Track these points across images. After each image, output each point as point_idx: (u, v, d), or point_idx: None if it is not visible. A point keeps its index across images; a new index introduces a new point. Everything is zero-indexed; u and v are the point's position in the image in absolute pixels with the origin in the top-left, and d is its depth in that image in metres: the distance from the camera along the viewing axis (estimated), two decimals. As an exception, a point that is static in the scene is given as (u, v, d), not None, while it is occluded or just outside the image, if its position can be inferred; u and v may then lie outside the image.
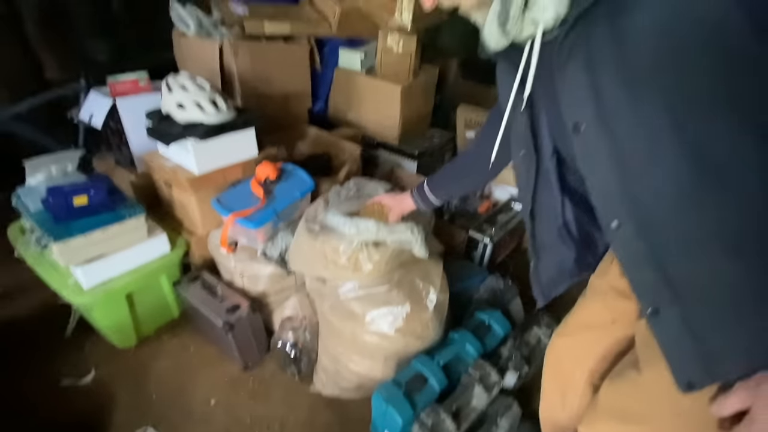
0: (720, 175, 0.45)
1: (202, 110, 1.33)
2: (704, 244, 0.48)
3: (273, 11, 1.89)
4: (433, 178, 1.02)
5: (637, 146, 0.48)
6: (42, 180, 1.28)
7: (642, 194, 0.50)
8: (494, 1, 0.50)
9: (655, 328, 0.56)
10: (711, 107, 0.43)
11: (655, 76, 0.44)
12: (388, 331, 1.13)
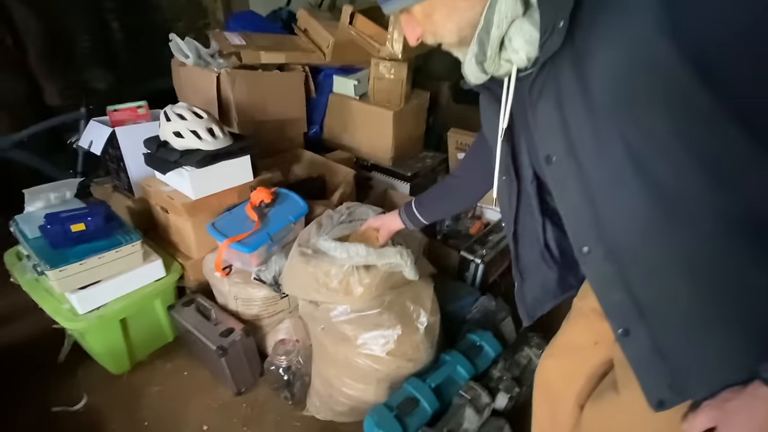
0: (675, 207, 0.48)
1: (199, 138, 1.37)
2: (665, 269, 0.52)
3: (268, 41, 1.97)
4: (420, 199, 1.05)
5: (602, 178, 0.52)
6: (41, 207, 1.31)
7: (608, 222, 0.54)
8: (472, 42, 0.55)
9: (625, 349, 0.59)
10: (665, 146, 0.46)
11: (614, 116, 0.48)
12: (380, 354, 1.14)
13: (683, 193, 0.48)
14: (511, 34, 0.51)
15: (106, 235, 1.28)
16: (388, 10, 0.57)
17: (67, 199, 1.37)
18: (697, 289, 0.51)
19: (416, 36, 0.59)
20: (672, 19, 0.40)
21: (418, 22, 0.56)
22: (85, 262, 1.21)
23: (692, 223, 0.48)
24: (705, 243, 0.48)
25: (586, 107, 0.50)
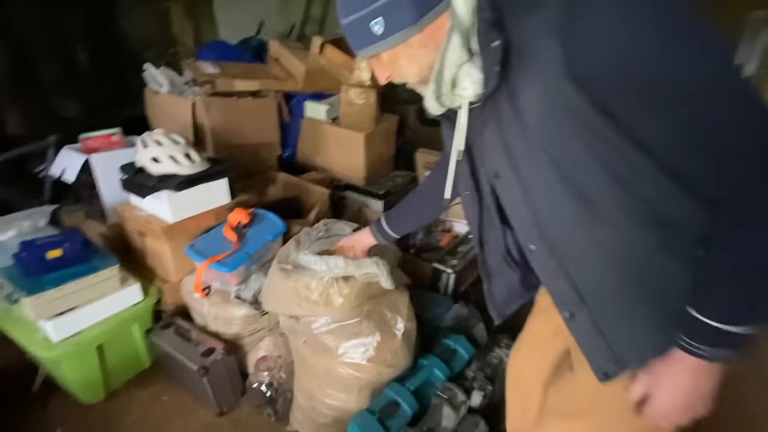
0: (595, 209, 0.59)
1: (176, 163, 1.42)
2: (593, 259, 0.63)
3: (241, 70, 2.05)
4: (389, 214, 1.13)
5: (537, 188, 0.63)
6: (12, 236, 1.30)
7: (546, 223, 0.65)
8: (430, 81, 0.65)
9: (572, 330, 0.69)
10: (581, 162, 0.58)
11: (542, 140, 0.59)
12: (360, 361, 1.20)
13: (600, 198, 0.59)
14: (460, 76, 0.61)
15: (83, 261, 1.28)
16: (361, 56, 0.66)
17: (39, 227, 1.37)
18: (619, 274, 0.62)
19: (385, 76, 0.69)
20: (571, 68, 0.52)
21: (386, 66, 0.66)
22: (62, 288, 1.21)
23: (610, 222, 0.59)
24: (621, 237, 0.60)
25: (520, 132, 0.61)
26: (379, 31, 0.59)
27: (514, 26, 0.55)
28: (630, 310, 0.64)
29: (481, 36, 0.57)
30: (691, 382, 0.59)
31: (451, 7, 0.57)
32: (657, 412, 0.63)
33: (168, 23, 3.25)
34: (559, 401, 0.83)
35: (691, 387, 0.59)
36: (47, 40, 2.43)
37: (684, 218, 0.58)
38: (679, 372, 0.60)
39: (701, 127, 0.50)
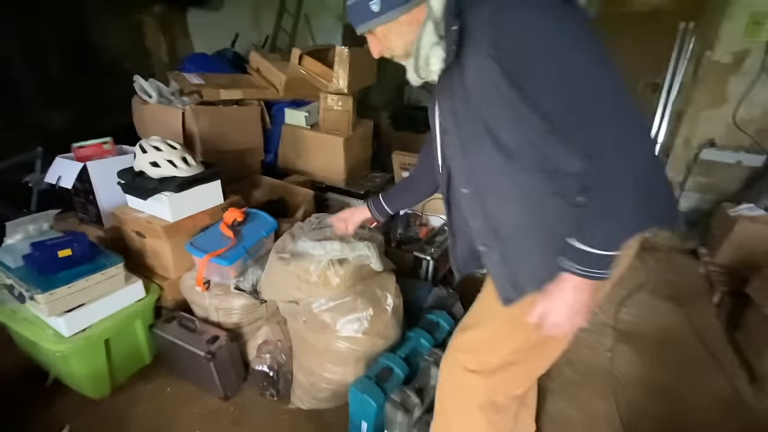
0: (510, 157, 0.79)
1: (174, 166, 1.52)
2: (505, 199, 0.84)
3: (225, 80, 2.17)
4: (386, 193, 1.28)
5: (471, 140, 0.83)
6: (20, 239, 1.36)
7: (475, 169, 0.85)
8: (410, 58, 0.83)
9: (485, 260, 0.90)
10: (501, 121, 0.77)
11: (476, 104, 0.79)
12: (356, 335, 1.35)
13: (515, 150, 0.79)
14: (431, 55, 0.79)
15: (91, 260, 1.37)
16: (360, 30, 0.84)
17: (44, 231, 1.43)
18: (524, 214, 0.83)
19: (378, 51, 0.87)
20: (495, 51, 0.71)
21: (379, 40, 0.84)
22: (73, 285, 1.29)
23: (521, 169, 0.79)
24: (529, 182, 0.80)
25: (464, 98, 0.80)
26: (376, 9, 0.78)
27: (467, 17, 0.74)
28: (529, 245, 0.85)
29: (446, 22, 0.75)
30: (575, 296, 0.77)
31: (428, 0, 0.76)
32: (551, 324, 0.81)
33: (142, 36, 3.29)
34: (467, 319, 1.04)
35: (575, 300, 0.78)
36: (23, 55, 2.44)
37: (570, 171, 0.78)
38: (567, 289, 0.78)
39: (579, 103, 0.70)
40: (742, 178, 3.07)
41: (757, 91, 3.00)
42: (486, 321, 0.98)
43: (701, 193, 3.31)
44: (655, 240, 2.90)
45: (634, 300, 2.20)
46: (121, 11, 3.13)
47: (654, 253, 2.72)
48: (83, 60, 2.74)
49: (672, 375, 1.71)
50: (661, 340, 1.91)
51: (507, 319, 0.92)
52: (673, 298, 2.22)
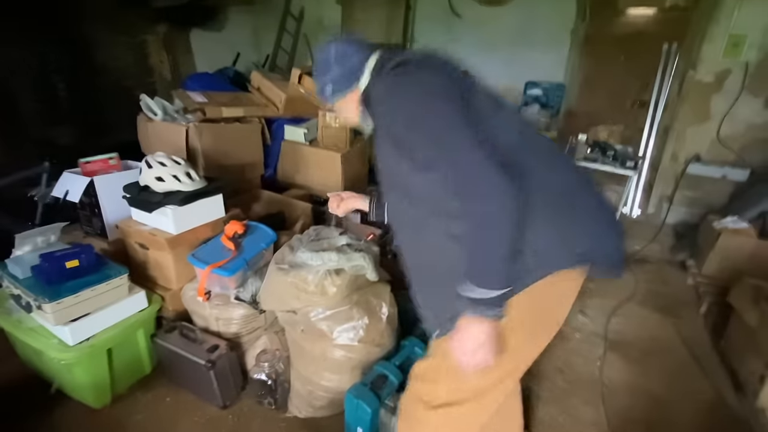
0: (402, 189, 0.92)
1: (179, 181, 1.59)
2: (414, 245, 0.95)
3: (227, 98, 2.26)
4: None
5: (384, 165, 0.97)
6: (29, 250, 1.41)
7: (388, 187, 1.00)
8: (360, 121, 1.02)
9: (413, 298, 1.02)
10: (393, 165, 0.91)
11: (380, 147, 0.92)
12: (352, 343, 1.40)
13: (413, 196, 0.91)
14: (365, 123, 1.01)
15: (96, 270, 1.42)
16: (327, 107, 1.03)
17: (51, 242, 1.49)
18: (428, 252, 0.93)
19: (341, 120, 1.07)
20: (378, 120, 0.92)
21: (338, 112, 1.08)
22: (79, 295, 1.34)
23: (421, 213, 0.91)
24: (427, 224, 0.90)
25: (381, 138, 0.94)
26: (329, 94, 1.01)
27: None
28: (438, 286, 0.92)
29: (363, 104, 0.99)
30: (467, 334, 0.83)
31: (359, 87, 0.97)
32: (457, 357, 0.86)
33: (146, 54, 3.41)
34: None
35: (472, 337, 0.83)
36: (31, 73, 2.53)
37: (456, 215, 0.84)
38: (462, 327, 0.84)
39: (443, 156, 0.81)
40: (728, 192, 3.17)
41: (739, 109, 3.13)
42: (435, 352, 1.01)
43: (689, 207, 3.40)
44: (645, 253, 2.97)
45: (623, 310, 2.26)
46: (127, 31, 3.25)
47: (644, 265, 2.79)
48: (89, 78, 2.83)
49: (659, 382, 1.76)
50: (650, 349, 1.96)
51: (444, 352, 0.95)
52: (661, 309, 2.28)
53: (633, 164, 2.87)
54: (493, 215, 0.76)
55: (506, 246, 0.78)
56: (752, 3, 2.88)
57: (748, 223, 2.41)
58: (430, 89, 0.83)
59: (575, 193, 0.90)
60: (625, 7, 3.49)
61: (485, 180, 0.76)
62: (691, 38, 3.22)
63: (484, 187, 0.76)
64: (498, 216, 0.77)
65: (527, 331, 0.92)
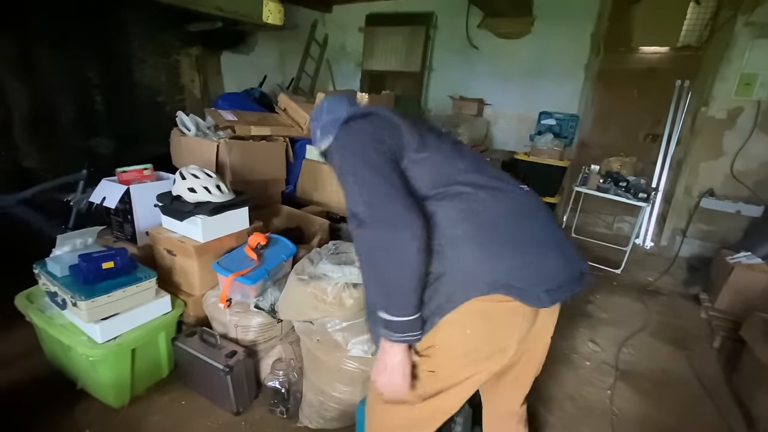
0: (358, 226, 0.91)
1: (209, 192, 1.69)
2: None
3: (256, 118, 2.40)
4: None
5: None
6: (67, 250, 1.51)
7: None
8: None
9: None
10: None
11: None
12: (366, 355, 1.44)
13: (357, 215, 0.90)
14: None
15: (128, 273, 1.50)
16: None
17: (88, 245, 1.58)
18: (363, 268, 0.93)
19: None
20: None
21: None
22: (112, 295, 1.42)
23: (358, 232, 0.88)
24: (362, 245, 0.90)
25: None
26: (318, 137, 1.10)
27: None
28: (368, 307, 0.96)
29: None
30: (383, 356, 0.87)
31: None
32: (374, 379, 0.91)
33: (178, 74, 3.62)
34: None
35: (383, 360, 0.87)
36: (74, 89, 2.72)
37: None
38: (380, 349, 0.88)
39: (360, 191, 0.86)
40: (742, 227, 3.17)
41: (752, 146, 3.17)
42: None
43: (702, 240, 3.40)
44: (657, 284, 2.97)
45: (635, 341, 2.25)
46: (163, 52, 3.47)
47: (656, 297, 2.78)
48: (126, 94, 3.02)
49: (670, 415, 1.74)
50: (661, 380, 1.95)
51: None
52: (673, 341, 2.27)
53: (645, 196, 2.91)
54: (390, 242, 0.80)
55: (407, 274, 0.80)
56: (764, 44, 2.97)
57: (762, 259, 2.42)
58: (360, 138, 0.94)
59: (509, 221, 0.91)
60: (637, 45, 3.61)
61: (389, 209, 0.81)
62: (703, 76, 3.31)
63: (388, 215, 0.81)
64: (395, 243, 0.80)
65: (456, 358, 0.91)
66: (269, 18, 3.13)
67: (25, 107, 2.52)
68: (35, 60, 2.54)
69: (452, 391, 0.94)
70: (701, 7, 3.31)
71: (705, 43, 3.31)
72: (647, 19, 3.51)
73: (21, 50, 2.45)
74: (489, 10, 3.73)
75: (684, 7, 3.36)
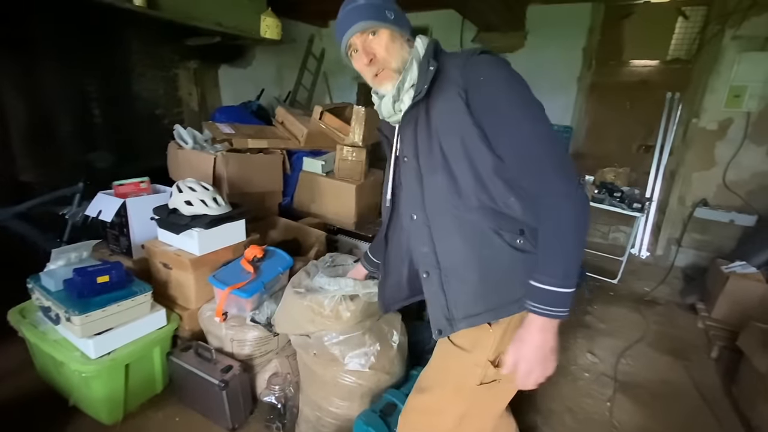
0: (459, 191, 0.87)
1: (206, 205, 1.69)
2: (451, 230, 0.90)
3: (253, 131, 2.41)
4: (371, 246, 1.41)
5: (427, 169, 0.91)
6: (62, 264, 1.50)
7: (427, 197, 0.92)
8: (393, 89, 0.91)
9: (426, 288, 0.95)
10: (457, 155, 0.86)
11: (437, 134, 0.88)
12: (362, 369, 1.42)
13: (464, 184, 0.87)
14: (405, 95, 0.91)
15: (123, 287, 1.49)
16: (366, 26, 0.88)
17: (83, 258, 1.57)
18: (465, 245, 0.88)
19: (369, 58, 0.90)
20: (463, 91, 0.83)
21: (379, 45, 0.89)
22: (106, 309, 1.40)
23: (466, 203, 0.87)
24: (471, 216, 0.87)
25: (426, 129, 0.89)
26: (391, 17, 0.89)
27: (443, 63, 0.89)
28: (466, 278, 0.89)
29: (427, 62, 0.88)
30: (542, 337, 0.81)
31: (416, 42, 0.92)
32: (524, 371, 0.83)
33: (176, 87, 3.64)
34: (420, 379, 1.09)
35: (543, 342, 0.81)
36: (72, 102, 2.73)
37: (510, 215, 0.87)
38: (533, 331, 0.81)
39: (523, 146, 0.81)
40: (736, 236, 3.20)
41: (744, 156, 3.21)
42: (437, 386, 1.02)
43: (698, 250, 3.42)
44: (654, 294, 2.97)
45: (633, 352, 2.25)
46: (161, 65, 3.50)
47: (653, 307, 2.78)
48: (124, 107, 3.03)
49: (670, 426, 1.73)
50: (660, 392, 1.94)
51: (456, 385, 0.96)
52: (672, 352, 2.26)
53: (640, 206, 2.93)
54: (580, 216, 0.78)
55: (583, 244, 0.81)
56: (751, 57, 3.04)
57: (757, 268, 2.43)
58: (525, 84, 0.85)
59: None
60: (628, 59, 3.68)
61: (576, 174, 0.80)
62: (693, 88, 3.37)
63: (576, 176, 0.80)
64: (583, 217, 0.79)
65: None
66: (267, 33, 3.18)
67: (24, 121, 2.53)
68: (36, 75, 2.55)
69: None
70: (689, 22, 3.39)
71: (694, 56, 3.38)
72: (637, 33, 3.59)
73: (23, 66, 2.46)
74: (482, 25, 3.80)
75: (672, 22, 3.44)
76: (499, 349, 0.94)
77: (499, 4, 2.99)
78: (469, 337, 0.96)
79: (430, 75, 0.86)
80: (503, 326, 0.93)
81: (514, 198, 0.86)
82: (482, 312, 0.89)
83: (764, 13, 2.94)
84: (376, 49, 0.90)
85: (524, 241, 0.88)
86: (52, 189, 2.12)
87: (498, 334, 0.93)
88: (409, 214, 0.95)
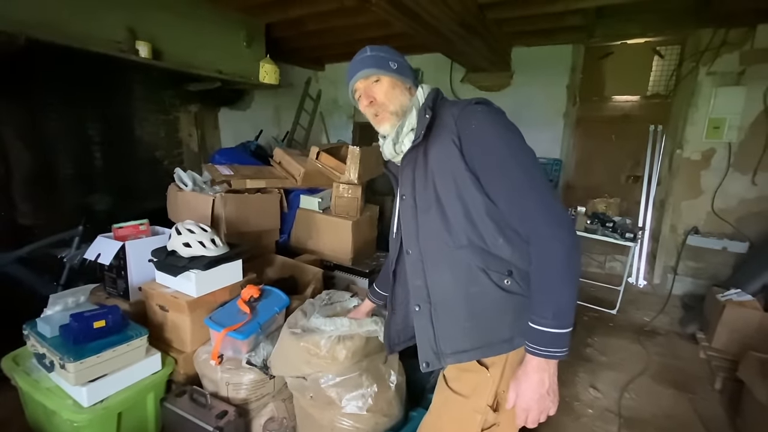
0: (450, 228, 0.91)
1: (204, 247, 1.72)
2: (441, 265, 0.94)
3: (252, 171, 2.48)
4: (377, 279, 1.44)
5: (422, 207, 0.96)
6: (59, 309, 1.50)
7: (422, 232, 0.97)
8: (392, 132, 1.01)
9: (416, 319, 0.98)
10: (450, 195, 0.91)
11: (433, 175, 0.94)
12: (360, 412, 1.40)
13: (455, 223, 0.92)
14: (405, 138, 0.99)
15: (119, 331, 1.49)
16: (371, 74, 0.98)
17: (80, 303, 1.58)
18: (453, 282, 0.92)
19: (370, 100, 1.00)
20: (457, 139, 0.89)
21: (380, 90, 0.99)
22: (101, 355, 1.39)
23: (456, 241, 0.91)
24: (460, 252, 0.91)
25: (424, 170, 0.96)
26: (393, 67, 1.00)
27: (439, 110, 0.97)
28: (454, 314, 0.93)
29: (424, 110, 0.96)
30: (538, 378, 0.83)
31: (418, 90, 1.00)
32: (521, 409, 0.86)
33: (177, 129, 3.75)
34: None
35: (539, 382, 0.83)
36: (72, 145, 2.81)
37: (499, 255, 0.90)
38: (531, 371, 0.84)
39: (513, 193, 0.86)
40: (731, 262, 3.23)
41: (729, 185, 3.30)
42: (438, 408, 1.03)
43: (694, 278, 3.44)
44: (654, 324, 2.96)
45: (636, 385, 2.21)
46: (162, 109, 3.62)
47: (654, 338, 2.76)
48: (125, 150, 3.12)
49: (678, 465, 1.68)
50: (666, 427, 1.90)
51: (456, 412, 0.98)
52: (675, 384, 2.23)
53: (632, 235, 2.98)
54: (576, 243, 0.82)
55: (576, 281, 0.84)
56: (726, 91, 3.20)
57: (752, 295, 2.44)
58: (518, 133, 0.92)
59: None
60: (610, 95, 3.85)
61: (566, 216, 0.85)
62: (674, 121, 3.52)
63: (568, 221, 0.84)
64: (574, 253, 0.82)
65: None
66: (266, 78, 3.33)
67: (26, 166, 2.59)
68: (39, 121, 2.64)
69: None
70: (665, 60, 3.59)
71: (672, 91, 3.55)
72: (617, 71, 3.78)
73: (26, 113, 2.55)
74: (470, 67, 4.00)
75: (649, 60, 3.64)
76: (497, 392, 0.96)
77: (484, 48, 3.17)
78: (468, 383, 0.98)
79: (426, 122, 0.94)
80: (500, 368, 0.95)
81: (503, 240, 0.90)
82: (470, 349, 0.91)
83: (735, 50, 3.13)
84: (376, 93, 1.01)
85: (512, 282, 0.91)
86: (51, 232, 2.14)
87: (496, 377, 0.95)
88: (407, 249, 1.01)
